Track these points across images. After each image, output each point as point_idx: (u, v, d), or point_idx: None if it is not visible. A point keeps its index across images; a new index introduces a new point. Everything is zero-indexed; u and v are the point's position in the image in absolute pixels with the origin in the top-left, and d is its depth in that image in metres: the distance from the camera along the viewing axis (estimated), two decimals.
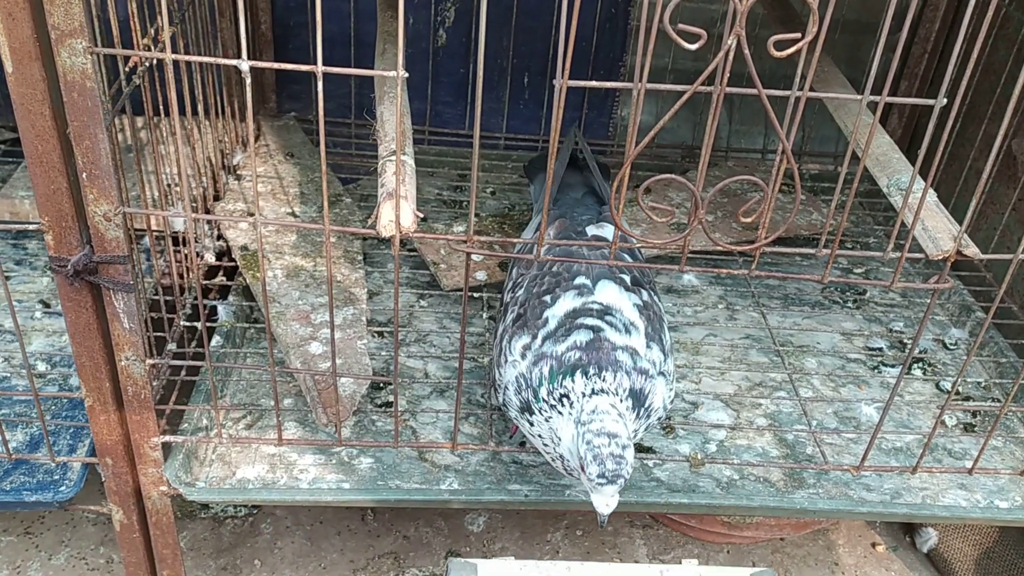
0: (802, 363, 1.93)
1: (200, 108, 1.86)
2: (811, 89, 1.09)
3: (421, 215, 1.22)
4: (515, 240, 1.32)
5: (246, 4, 2.33)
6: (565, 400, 1.28)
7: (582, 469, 1.23)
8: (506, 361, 1.40)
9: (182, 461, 1.51)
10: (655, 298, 1.48)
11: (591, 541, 2.14)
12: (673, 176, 1.15)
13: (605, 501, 1.22)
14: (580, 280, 1.42)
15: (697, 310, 2.07)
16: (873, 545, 2.21)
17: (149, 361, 1.37)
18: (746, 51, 1.04)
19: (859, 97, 1.15)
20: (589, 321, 1.35)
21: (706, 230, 1.18)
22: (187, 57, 1.11)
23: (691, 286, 2.15)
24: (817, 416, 1.78)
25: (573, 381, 1.29)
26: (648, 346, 1.36)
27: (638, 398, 1.31)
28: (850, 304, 2.15)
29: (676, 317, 2.04)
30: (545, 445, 1.34)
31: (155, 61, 1.50)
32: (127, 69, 1.39)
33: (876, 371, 1.93)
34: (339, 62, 1.06)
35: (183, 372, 1.63)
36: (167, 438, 1.46)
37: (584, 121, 2.58)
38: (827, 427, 1.76)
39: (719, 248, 1.67)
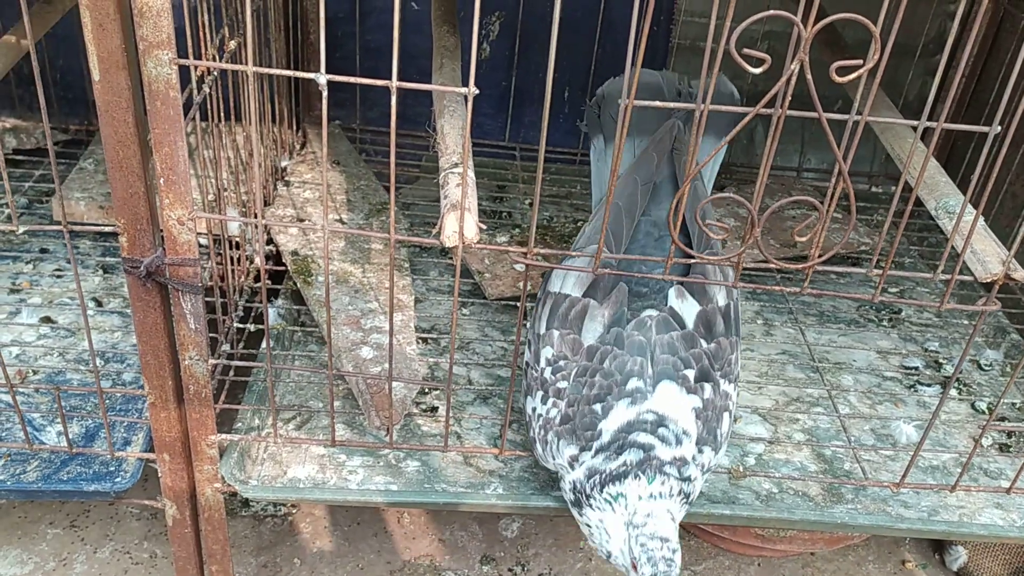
0: (839, 380, 1.96)
1: (255, 115, 1.91)
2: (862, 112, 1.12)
3: (483, 226, 1.26)
4: (571, 253, 1.36)
5: (297, 15, 2.37)
6: (621, 499, 1.30)
7: (634, 568, 1.27)
8: (552, 457, 1.41)
9: (236, 459, 1.55)
10: (720, 387, 1.40)
11: None
12: (733, 196, 1.18)
13: None
14: (633, 384, 1.35)
15: None
16: (903, 563, 2.22)
17: (211, 361, 1.41)
18: (808, 76, 1.07)
19: (915, 123, 1.18)
20: (641, 439, 1.32)
21: (761, 248, 1.21)
22: (266, 70, 1.15)
23: None
24: (855, 433, 1.81)
25: (626, 484, 1.31)
26: (700, 450, 1.36)
27: (686, 498, 1.35)
28: (885, 323, 2.18)
29: None
30: (591, 532, 1.37)
31: (218, 70, 1.55)
32: (197, 78, 1.44)
33: (912, 390, 1.95)
34: (386, 72, 1.09)
35: (231, 372, 1.67)
36: (224, 436, 1.51)
37: None
38: (865, 444, 1.78)
39: (761, 264, 1.70)
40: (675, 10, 2.48)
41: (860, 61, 1.06)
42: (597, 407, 1.35)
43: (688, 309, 1.43)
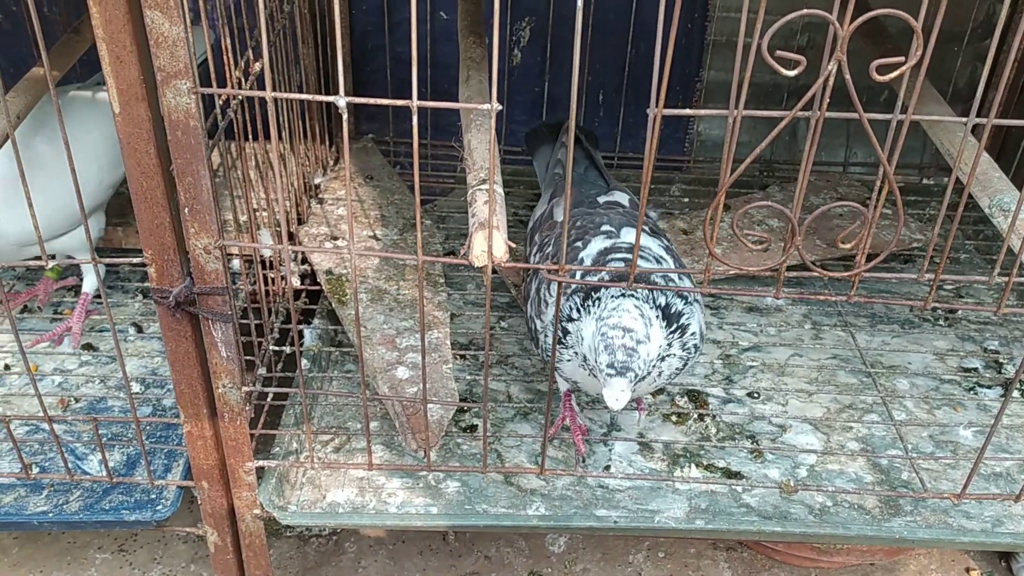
0: (893, 384, 1.88)
1: (285, 134, 1.90)
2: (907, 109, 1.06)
3: (513, 244, 1.22)
4: (602, 268, 1.32)
5: (326, 28, 2.36)
6: (595, 301, 1.34)
7: (596, 362, 1.29)
8: (546, 307, 1.47)
9: (275, 485, 1.53)
10: (672, 246, 1.61)
11: (674, 563, 2.12)
12: (770, 203, 1.13)
13: (615, 395, 1.26)
14: (606, 227, 1.54)
15: (781, 329, 2.03)
16: (967, 570, 2.13)
17: (245, 388, 1.40)
18: (847, 76, 1.02)
19: (964, 120, 1.11)
20: (620, 256, 1.44)
21: (804, 257, 1.16)
22: (287, 95, 1.13)
23: (774, 305, 2.11)
24: (912, 440, 1.73)
25: (602, 291, 1.35)
26: (680, 277, 1.46)
27: (668, 315, 1.35)
28: (941, 322, 2.09)
29: (759, 337, 2.01)
30: (574, 343, 1.40)
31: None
32: (221, 103, 1.43)
33: (972, 392, 1.87)
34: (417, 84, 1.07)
35: (270, 396, 1.65)
36: (261, 462, 1.49)
37: (660, 137, 2.56)
38: (923, 451, 1.71)
39: (807, 270, 1.64)
40: (710, 6, 2.41)
41: (902, 59, 1.00)
42: (578, 243, 1.52)
43: (618, 198, 1.70)
